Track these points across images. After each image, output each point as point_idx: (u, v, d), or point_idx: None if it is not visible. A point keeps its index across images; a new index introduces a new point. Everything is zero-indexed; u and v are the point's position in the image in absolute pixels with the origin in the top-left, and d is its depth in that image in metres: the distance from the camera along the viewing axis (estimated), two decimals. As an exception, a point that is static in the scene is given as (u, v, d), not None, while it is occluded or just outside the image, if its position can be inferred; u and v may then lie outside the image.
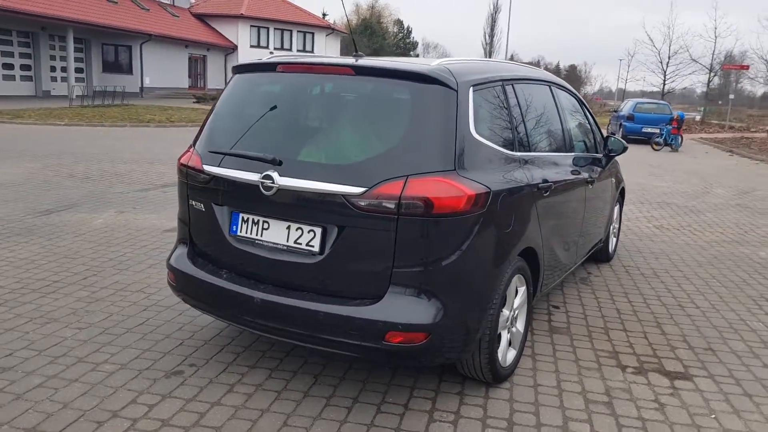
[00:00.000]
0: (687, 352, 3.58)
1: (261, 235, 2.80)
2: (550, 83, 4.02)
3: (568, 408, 2.86)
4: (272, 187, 2.67)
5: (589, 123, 4.74)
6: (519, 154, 3.13)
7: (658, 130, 18.25)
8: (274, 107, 3.03)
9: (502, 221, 2.81)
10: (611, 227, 5.31)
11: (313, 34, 48.92)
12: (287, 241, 2.73)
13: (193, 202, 3.06)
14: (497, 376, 2.99)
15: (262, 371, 3.12)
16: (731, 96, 30.93)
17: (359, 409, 2.78)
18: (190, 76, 38.76)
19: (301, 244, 2.69)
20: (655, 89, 39.33)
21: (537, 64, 53.55)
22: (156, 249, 5.23)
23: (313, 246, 2.66)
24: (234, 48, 41.92)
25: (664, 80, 37.59)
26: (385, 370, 3.16)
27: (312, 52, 49.09)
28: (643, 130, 19.29)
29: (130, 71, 33.12)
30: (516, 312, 3.14)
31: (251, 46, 43.27)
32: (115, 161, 10.41)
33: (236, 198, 2.88)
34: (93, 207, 6.80)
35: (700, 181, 11.43)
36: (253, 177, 2.74)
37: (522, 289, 3.18)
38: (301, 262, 2.69)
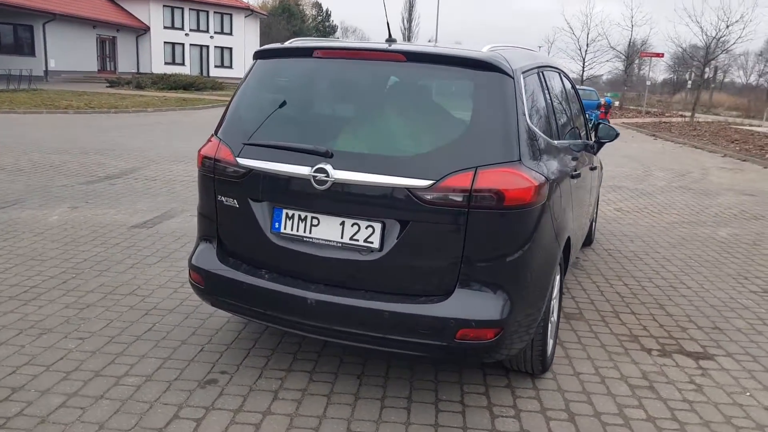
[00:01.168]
0: (697, 332, 3.77)
1: (310, 232, 2.66)
2: (560, 70, 4.07)
3: (616, 395, 2.93)
4: (326, 181, 2.53)
5: (581, 109, 4.86)
6: (557, 142, 3.15)
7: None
8: (315, 96, 2.87)
9: (556, 211, 2.81)
10: (594, 211, 5.50)
11: (231, 15, 47.29)
12: (342, 237, 2.60)
13: (223, 198, 2.84)
14: (545, 367, 3.02)
15: (301, 375, 2.98)
16: (648, 83, 33.00)
17: (418, 409, 2.72)
18: (99, 59, 36.46)
19: (358, 240, 2.57)
20: (575, 75, 41.19)
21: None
22: (131, 247, 4.87)
23: (372, 242, 2.55)
24: (146, 29, 39.77)
25: (583, 67, 39.43)
26: (424, 367, 3.10)
27: (231, 34, 47.51)
28: (573, 115, 20.15)
29: (32, 53, 30.72)
30: (554, 301, 3.18)
31: (165, 27, 41.24)
32: (44, 151, 9.61)
33: (279, 193, 2.71)
34: (41, 202, 6.24)
35: (639, 165, 12.08)
36: (302, 170, 2.58)
37: (557, 278, 3.21)
38: (358, 260, 2.57)
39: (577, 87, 17.81)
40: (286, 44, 2.97)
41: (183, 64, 43.39)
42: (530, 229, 2.54)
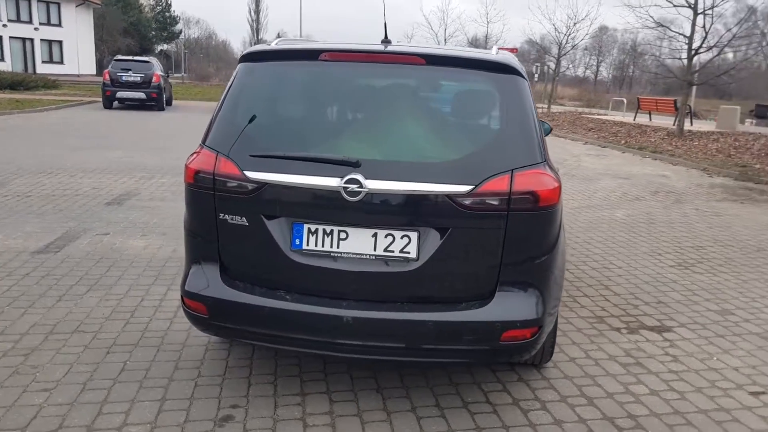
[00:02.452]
0: (647, 307, 4.19)
1: (338, 247, 2.54)
2: None
3: (615, 374, 3.18)
4: (359, 192, 2.44)
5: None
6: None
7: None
8: (326, 102, 2.74)
9: (562, 210, 2.97)
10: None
11: (59, 4, 42.95)
12: (375, 250, 2.52)
13: (227, 216, 2.62)
14: (551, 356, 3.18)
15: (319, 396, 2.85)
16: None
17: (453, 415, 2.73)
18: None
19: (393, 251, 2.51)
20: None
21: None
22: (47, 276, 4.28)
23: (408, 252, 2.50)
24: (-46, 19, 34.81)
25: None
26: (434, 372, 3.12)
27: (60, 26, 43.14)
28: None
29: None
30: None
31: (-23, 17, 36.43)
32: None
33: (300, 207, 2.56)
34: None
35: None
36: (330, 182, 2.46)
37: None
38: (393, 271, 2.51)
39: None
40: (279, 46, 2.80)
41: (2, 59, 38.61)
42: (557, 227, 2.66)
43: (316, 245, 2.55)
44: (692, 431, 2.67)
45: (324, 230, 2.55)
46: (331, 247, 2.55)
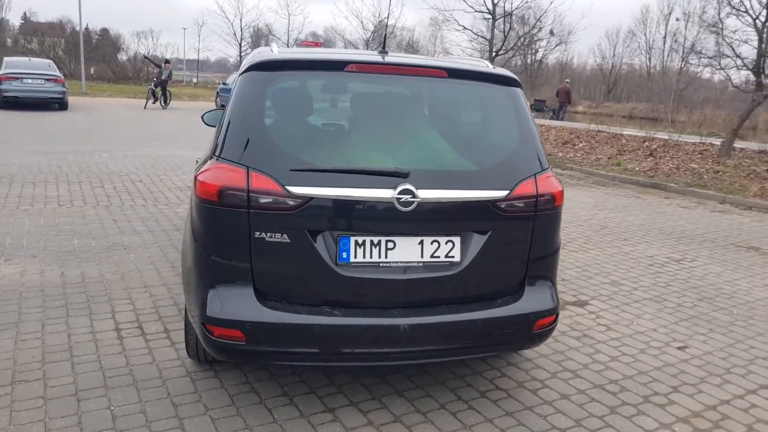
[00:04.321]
0: (558, 285, 4.80)
1: (386, 257, 2.57)
2: None
3: (576, 347, 3.66)
4: (412, 203, 2.50)
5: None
6: None
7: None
8: (356, 113, 2.70)
9: None
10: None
11: None
12: (422, 257, 2.60)
13: (265, 234, 2.47)
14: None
15: (349, 410, 2.83)
16: None
17: (480, 404, 2.93)
18: None
19: (439, 257, 2.62)
20: (233, 59, 41.65)
21: (61, 26, 48.10)
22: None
23: (453, 256, 2.63)
24: None
25: (240, 52, 40.13)
26: (436, 368, 3.28)
27: None
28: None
29: None
30: None
31: None
32: None
33: (348, 220, 2.52)
34: None
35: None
36: (384, 194, 2.48)
37: None
38: (439, 276, 2.63)
39: None
40: (303, 55, 2.69)
41: None
42: (560, 224, 2.99)
43: (364, 257, 2.55)
44: (660, 386, 3.23)
45: (371, 241, 2.55)
46: (380, 257, 2.57)
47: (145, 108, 20.75)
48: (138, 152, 10.67)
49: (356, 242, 2.54)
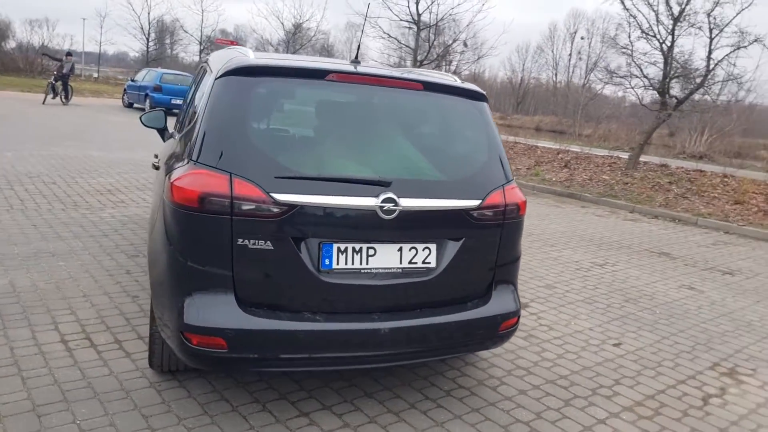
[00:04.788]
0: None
1: (367, 263, 2.67)
2: None
3: (524, 347, 3.91)
4: (394, 211, 2.62)
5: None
6: None
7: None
8: (336, 122, 2.77)
9: None
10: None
11: None
12: (401, 263, 2.73)
13: (248, 241, 2.50)
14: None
15: (323, 413, 2.89)
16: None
17: (447, 402, 3.09)
18: None
19: (416, 263, 2.75)
20: (136, 54, 39.82)
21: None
22: None
23: (429, 262, 2.78)
24: None
25: (147, 47, 38.46)
26: (392, 372, 3.41)
27: None
28: (172, 101, 19.82)
29: None
30: None
31: None
32: None
33: (331, 227, 2.60)
34: None
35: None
36: (368, 202, 2.58)
37: None
38: (416, 281, 2.76)
39: (175, 72, 18.28)
40: (283, 62, 2.73)
41: None
42: (522, 232, 3.20)
43: (346, 264, 2.64)
44: (604, 380, 3.54)
45: (353, 248, 2.65)
46: (361, 264, 2.66)
47: (43, 103, 19.47)
48: (45, 152, 10.05)
49: (338, 249, 2.62)
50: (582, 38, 45.87)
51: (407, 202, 2.64)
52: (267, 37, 35.84)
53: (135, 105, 21.76)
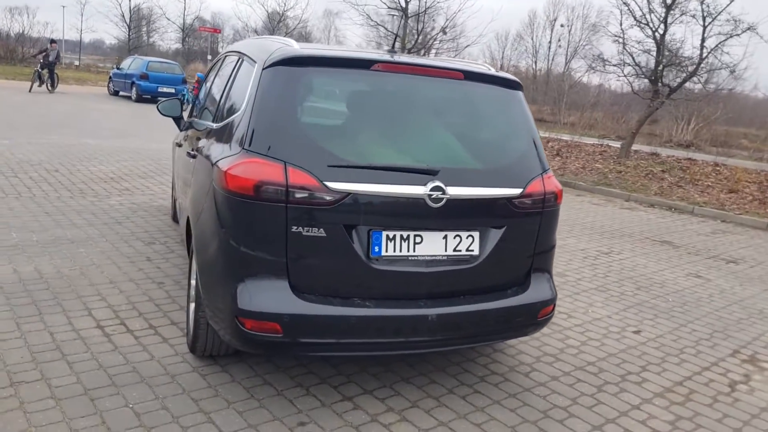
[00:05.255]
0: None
1: (414, 251, 2.74)
2: None
3: (548, 333, 4.01)
4: (442, 199, 2.68)
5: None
6: None
7: (173, 90, 19.17)
8: (384, 111, 2.82)
9: None
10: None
11: None
12: (446, 250, 2.80)
13: (302, 228, 2.56)
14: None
15: (366, 397, 2.96)
16: (209, 57, 34.45)
17: (474, 397, 3.18)
18: None
19: (461, 251, 2.82)
20: (114, 41, 39.27)
21: None
22: None
23: (473, 250, 2.85)
24: None
25: (129, 34, 37.92)
26: (439, 356, 3.49)
27: None
28: (159, 89, 19.66)
29: None
30: None
31: None
32: None
33: (381, 215, 2.66)
34: None
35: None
36: (417, 190, 2.65)
37: None
38: (460, 269, 2.83)
39: (161, 60, 18.27)
40: (330, 52, 2.77)
41: None
42: (558, 220, 3.27)
43: (394, 251, 2.70)
44: (630, 366, 3.65)
45: (401, 236, 2.71)
46: (408, 251, 2.73)
47: (30, 91, 19.17)
48: (42, 140, 9.94)
49: (387, 236, 2.69)
50: (562, 26, 46.00)
51: (454, 191, 2.71)
52: (251, 25, 35.55)
53: (121, 93, 21.53)
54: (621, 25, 12.60)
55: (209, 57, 35.07)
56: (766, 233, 8.34)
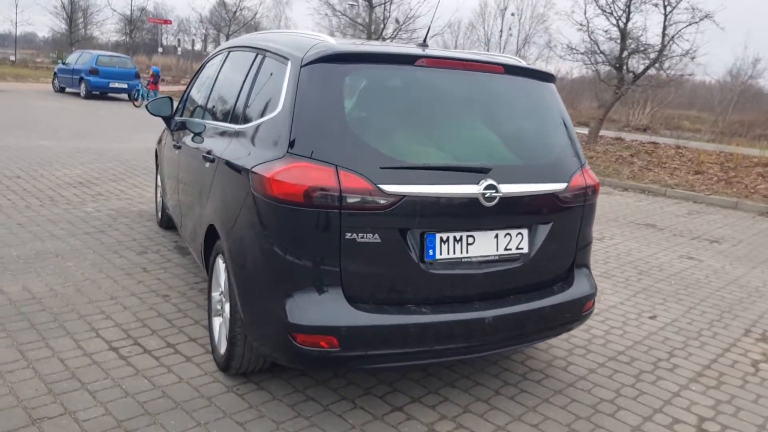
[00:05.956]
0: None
1: (467, 252, 2.62)
2: None
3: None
4: (495, 197, 2.58)
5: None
6: None
7: (126, 85, 18.35)
8: (429, 107, 2.67)
9: None
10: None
11: None
12: (497, 250, 2.69)
13: (356, 235, 2.41)
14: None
15: (420, 407, 2.85)
16: (160, 50, 33.27)
17: (553, 375, 3.11)
18: None
19: (511, 249, 2.73)
20: (48, 34, 37.49)
21: None
22: None
23: (522, 248, 2.76)
24: None
25: (71, 26, 36.17)
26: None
27: None
28: (111, 85, 18.75)
29: None
30: None
31: None
32: None
33: (434, 217, 2.53)
34: None
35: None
36: (471, 189, 2.53)
37: None
38: (511, 268, 2.74)
39: (111, 54, 17.58)
40: (372, 48, 2.61)
41: None
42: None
43: (448, 253, 2.58)
44: (657, 353, 3.65)
45: (454, 237, 2.60)
46: (461, 253, 2.62)
47: (-36, 90, 18.08)
48: (-7, 143, 9.35)
49: (441, 239, 2.57)
50: (512, 14, 46.50)
51: (506, 188, 2.61)
52: (206, 15, 34.51)
53: (68, 90, 20.48)
54: (585, 13, 12.78)
55: (160, 50, 33.88)
56: (737, 212, 8.63)
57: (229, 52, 3.94)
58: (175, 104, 4.74)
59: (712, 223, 7.73)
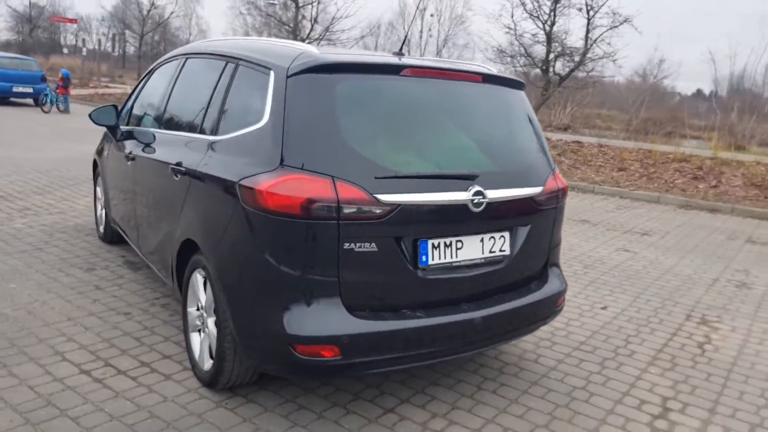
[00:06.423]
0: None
1: (456, 257, 2.76)
2: None
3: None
4: (482, 203, 2.72)
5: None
6: None
7: (31, 89, 17.25)
8: (413, 116, 2.77)
9: None
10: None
11: None
12: (483, 253, 2.85)
13: (354, 244, 2.49)
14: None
15: (415, 409, 2.95)
16: (65, 50, 31.35)
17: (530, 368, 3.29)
18: None
19: (495, 252, 2.89)
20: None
21: None
22: None
23: (505, 250, 2.93)
24: None
25: (32, 29, 33.59)
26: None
27: None
28: (14, 89, 17.51)
29: None
30: None
31: None
32: None
33: (426, 224, 2.65)
34: None
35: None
36: (460, 196, 2.67)
37: None
38: (494, 269, 2.90)
39: (11, 56, 16.74)
40: (359, 58, 2.68)
41: None
42: None
43: (439, 259, 2.71)
44: (615, 341, 3.94)
45: (444, 243, 2.73)
46: (451, 258, 2.75)
47: None
48: None
49: (432, 245, 2.68)
50: (432, 15, 47.54)
51: (492, 194, 2.76)
52: (106, 9, 33.01)
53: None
54: (512, 16, 13.32)
55: (65, 50, 31.98)
56: (659, 205, 9.31)
57: (186, 59, 3.88)
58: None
59: (639, 216, 8.31)
